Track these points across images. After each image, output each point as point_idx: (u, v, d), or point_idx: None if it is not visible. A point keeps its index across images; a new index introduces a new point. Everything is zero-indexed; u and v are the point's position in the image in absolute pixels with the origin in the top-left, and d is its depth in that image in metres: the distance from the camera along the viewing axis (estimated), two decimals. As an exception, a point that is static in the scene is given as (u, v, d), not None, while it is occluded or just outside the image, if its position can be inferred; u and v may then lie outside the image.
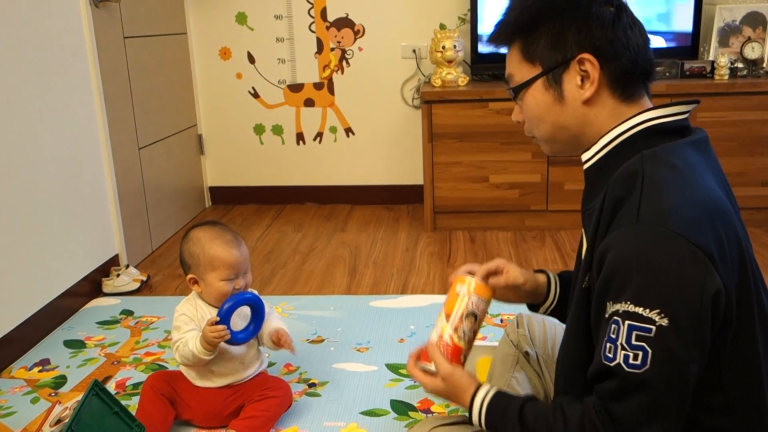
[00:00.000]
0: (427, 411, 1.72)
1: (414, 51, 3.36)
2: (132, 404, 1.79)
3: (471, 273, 1.25)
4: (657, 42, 3.07)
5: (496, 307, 2.22)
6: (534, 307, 1.35)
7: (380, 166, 3.56)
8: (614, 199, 0.96)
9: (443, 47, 3.06)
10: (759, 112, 2.89)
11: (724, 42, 3.07)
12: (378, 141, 3.53)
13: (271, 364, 1.96)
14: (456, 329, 1.16)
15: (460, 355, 1.17)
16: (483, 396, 1.08)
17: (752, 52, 2.98)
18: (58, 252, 2.31)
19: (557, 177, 3.01)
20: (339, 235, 3.14)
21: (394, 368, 1.93)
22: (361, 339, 2.12)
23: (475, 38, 3.14)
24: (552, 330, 1.50)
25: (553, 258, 2.76)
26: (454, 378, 1.13)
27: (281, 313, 2.31)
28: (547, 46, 1.04)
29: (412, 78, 3.42)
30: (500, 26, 1.11)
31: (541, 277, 1.33)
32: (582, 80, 1.03)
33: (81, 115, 2.45)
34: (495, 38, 1.12)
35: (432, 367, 1.16)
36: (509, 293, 1.31)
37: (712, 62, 2.98)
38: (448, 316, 1.17)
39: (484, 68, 3.19)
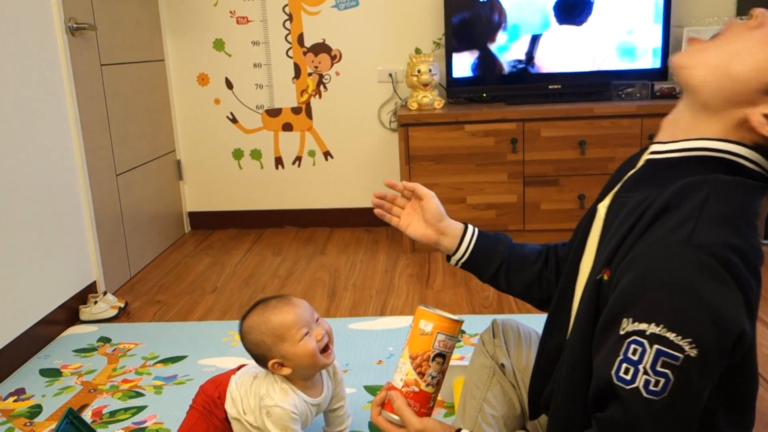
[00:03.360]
0: (406, 432, 1.72)
1: (390, 75, 3.41)
2: (108, 432, 1.78)
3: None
4: (627, 64, 3.14)
5: (473, 327, 2.23)
6: (447, 257, 1.38)
7: (359, 188, 3.58)
8: (663, 205, 0.91)
9: (419, 71, 3.10)
10: (728, 131, 2.95)
11: (692, 63, 3.14)
12: (356, 164, 3.55)
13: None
14: (423, 374, 1.08)
15: (428, 401, 1.10)
16: None
17: (719, 72, 3.05)
18: (35, 280, 2.30)
19: (533, 197, 3.04)
20: (318, 258, 3.15)
21: (372, 390, 1.94)
22: (339, 361, 2.11)
23: (450, 62, 3.19)
24: (527, 337, 1.50)
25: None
26: None
27: (260, 337, 2.30)
28: None
29: (389, 101, 3.46)
30: None
31: (456, 225, 1.36)
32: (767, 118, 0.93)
33: (57, 143, 2.45)
34: None
35: (397, 419, 1.09)
36: (417, 221, 1.37)
37: (681, 83, 3.04)
38: (413, 359, 1.09)
39: (459, 91, 3.24)
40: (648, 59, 3.14)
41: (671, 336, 0.85)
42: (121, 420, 1.84)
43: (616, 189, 1.06)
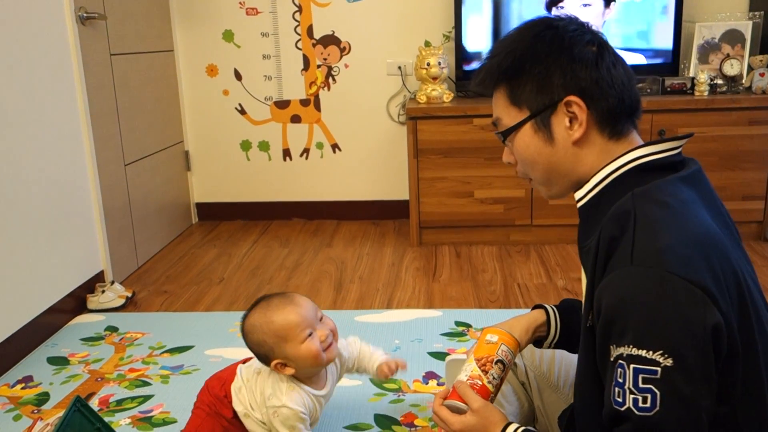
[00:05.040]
0: (411, 425, 1.73)
1: (399, 68, 3.40)
2: (115, 420, 1.79)
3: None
4: (638, 59, 3.12)
5: (480, 321, 2.24)
6: (538, 343, 1.35)
7: (366, 181, 3.58)
8: (608, 239, 0.96)
9: (428, 64, 3.09)
10: (738, 128, 2.93)
11: (703, 59, 3.13)
12: (364, 157, 3.55)
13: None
14: (486, 372, 1.17)
15: (488, 397, 1.17)
16: (513, 431, 1.08)
17: (731, 68, 3.04)
18: (42, 268, 2.31)
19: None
20: (325, 250, 3.15)
21: (377, 383, 1.94)
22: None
23: (459, 55, 3.18)
24: None
25: (537, 272, 2.78)
26: (487, 411, 1.12)
27: (266, 329, 2.31)
28: (533, 90, 1.05)
29: (398, 94, 3.45)
30: (484, 72, 1.11)
31: (540, 316, 1.33)
32: (570, 122, 1.04)
33: (66, 132, 2.46)
34: (479, 84, 1.12)
35: (460, 404, 1.14)
36: None
37: (692, 79, 3.03)
38: (478, 360, 1.19)
39: (469, 85, 3.22)
40: (659, 54, 3.12)
41: (642, 353, 0.88)
42: (128, 409, 1.85)
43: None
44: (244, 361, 1.61)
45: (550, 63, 1.04)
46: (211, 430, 1.52)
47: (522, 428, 1.08)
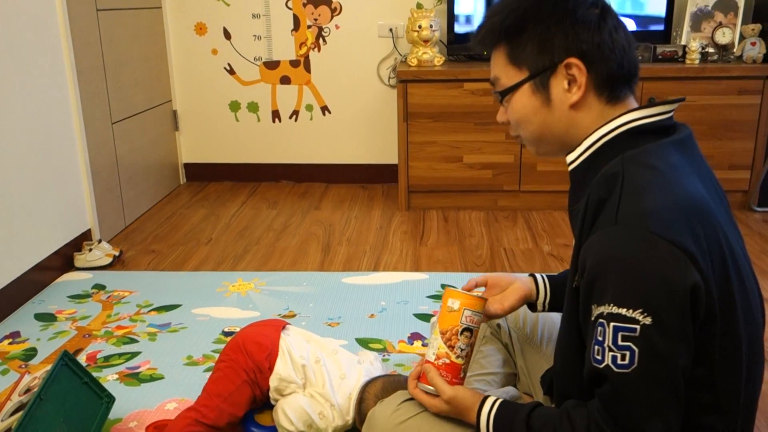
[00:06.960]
0: (395, 384, 1.76)
1: (391, 30, 3.36)
2: (102, 376, 1.80)
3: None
4: (630, 26, 3.11)
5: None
6: (531, 306, 1.36)
7: (356, 145, 3.57)
8: (596, 201, 0.98)
9: (420, 27, 3.06)
10: (728, 97, 2.94)
11: (695, 27, 3.11)
12: (354, 120, 3.53)
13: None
14: (452, 347, 1.16)
15: (459, 372, 1.17)
16: (488, 411, 1.08)
17: (723, 37, 3.03)
18: (29, 226, 2.30)
19: (530, 158, 3.04)
20: (313, 213, 3.15)
21: (363, 342, 1.96)
22: (332, 314, 2.14)
23: (451, 18, 3.15)
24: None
25: (524, 237, 2.80)
26: (457, 400, 1.12)
27: (253, 289, 2.33)
28: (533, 50, 1.05)
29: (389, 57, 3.42)
30: (485, 29, 1.10)
31: (531, 282, 1.35)
32: (569, 84, 1.04)
33: (53, 89, 2.43)
34: (480, 41, 1.12)
35: (432, 389, 1.15)
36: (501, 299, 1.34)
37: (684, 47, 3.02)
38: (443, 334, 1.17)
39: (460, 48, 3.20)
40: (651, 21, 3.10)
41: (622, 311, 0.90)
42: (116, 365, 1.87)
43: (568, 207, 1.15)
44: (283, 326, 1.60)
45: (552, 23, 1.03)
46: (245, 399, 1.51)
47: (498, 402, 1.09)
